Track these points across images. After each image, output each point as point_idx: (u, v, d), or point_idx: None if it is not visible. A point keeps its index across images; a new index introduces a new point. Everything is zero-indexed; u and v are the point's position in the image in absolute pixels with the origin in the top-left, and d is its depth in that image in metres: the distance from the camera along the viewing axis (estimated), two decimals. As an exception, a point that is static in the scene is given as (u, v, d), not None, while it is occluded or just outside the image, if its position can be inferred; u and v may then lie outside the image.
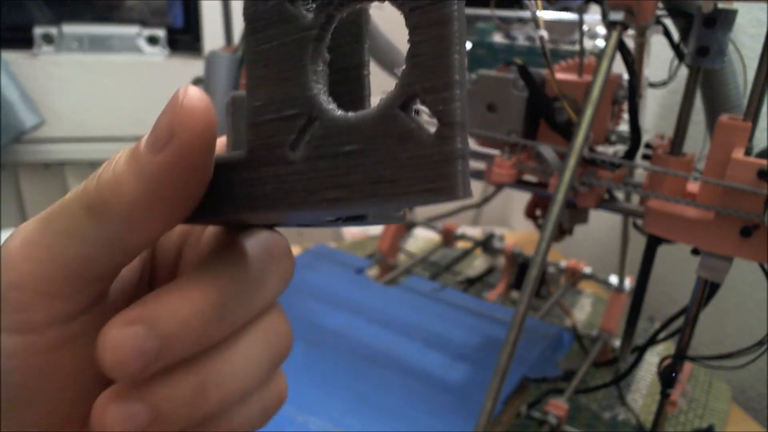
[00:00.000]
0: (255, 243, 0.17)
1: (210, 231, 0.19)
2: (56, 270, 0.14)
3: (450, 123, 0.11)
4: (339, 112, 0.13)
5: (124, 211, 0.14)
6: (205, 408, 0.15)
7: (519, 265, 0.70)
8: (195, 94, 0.13)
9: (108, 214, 0.14)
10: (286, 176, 0.13)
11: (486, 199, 0.70)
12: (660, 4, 0.42)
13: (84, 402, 0.15)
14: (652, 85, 0.50)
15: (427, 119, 0.12)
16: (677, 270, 0.73)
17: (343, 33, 0.15)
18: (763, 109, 0.38)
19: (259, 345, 0.17)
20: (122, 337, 0.14)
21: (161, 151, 0.13)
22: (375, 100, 0.13)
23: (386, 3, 0.13)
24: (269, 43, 0.14)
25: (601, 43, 0.52)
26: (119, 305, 0.16)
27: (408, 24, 0.12)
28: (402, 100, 0.12)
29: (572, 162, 0.37)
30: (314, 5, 0.13)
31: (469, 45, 0.57)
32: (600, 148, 0.46)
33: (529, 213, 0.62)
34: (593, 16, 0.46)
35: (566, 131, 0.45)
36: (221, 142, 0.17)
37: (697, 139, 0.49)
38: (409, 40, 0.12)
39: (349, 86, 0.16)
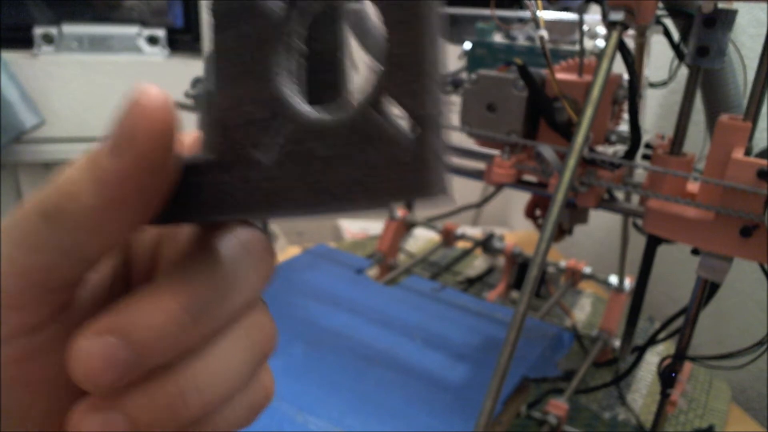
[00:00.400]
0: (230, 241, 0.16)
1: (185, 231, 0.18)
2: (16, 282, 0.14)
3: (421, 118, 0.11)
4: (311, 112, 0.12)
5: (81, 217, 0.13)
6: (185, 414, 0.15)
7: (519, 265, 0.70)
8: (153, 93, 0.13)
9: (65, 221, 0.13)
10: (256, 180, 0.13)
11: (486, 199, 0.70)
12: (660, 4, 0.42)
13: (58, 412, 0.15)
14: (652, 85, 0.50)
15: (402, 117, 0.12)
16: (677, 270, 0.73)
17: (318, 19, 0.15)
18: (763, 109, 0.38)
19: (240, 345, 0.16)
20: (93, 348, 0.13)
21: (120, 155, 0.13)
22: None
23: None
24: (237, 40, 0.13)
25: (601, 43, 0.52)
26: (90, 313, 0.15)
27: (383, 20, 0.11)
28: (375, 99, 0.11)
29: (572, 162, 0.37)
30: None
31: (469, 45, 0.57)
32: (600, 148, 0.46)
33: (529, 213, 0.62)
34: (593, 16, 0.46)
35: (566, 131, 0.45)
36: (193, 137, 0.17)
37: (697, 139, 0.49)
38: (384, 37, 0.11)
39: (326, 74, 0.15)
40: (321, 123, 0.12)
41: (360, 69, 0.12)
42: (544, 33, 0.42)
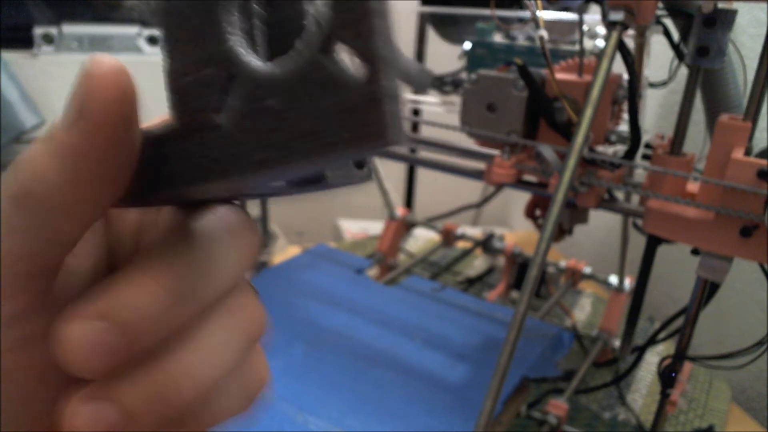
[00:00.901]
0: (210, 220, 0.16)
1: (165, 213, 0.18)
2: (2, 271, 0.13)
3: (370, 58, 0.10)
4: (260, 65, 0.12)
5: (47, 197, 0.13)
6: (178, 401, 0.14)
7: (519, 265, 0.70)
8: (104, 60, 0.12)
9: (32, 202, 0.13)
10: (213, 142, 0.12)
11: (486, 199, 0.70)
12: (660, 4, 0.42)
13: (50, 403, 0.15)
14: (652, 85, 0.50)
15: (353, 61, 0.11)
16: (677, 270, 0.73)
17: None
18: (763, 109, 0.38)
19: (227, 327, 0.16)
20: (80, 334, 0.13)
21: (75, 126, 0.12)
22: None
23: None
24: (187, 2, 0.13)
25: (601, 43, 0.52)
26: (72, 301, 0.15)
27: None
28: (324, 45, 0.11)
29: (572, 162, 0.37)
30: None
31: (469, 45, 0.57)
32: (600, 148, 0.46)
33: (529, 213, 0.62)
34: (593, 16, 0.46)
35: (566, 131, 0.45)
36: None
37: (697, 139, 0.49)
38: None
39: (289, 40, 0.14)
40: (274, 77, 0.12)
41: (311, 16, 0.11)
42: (544, 33, 0.42)
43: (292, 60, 0.11)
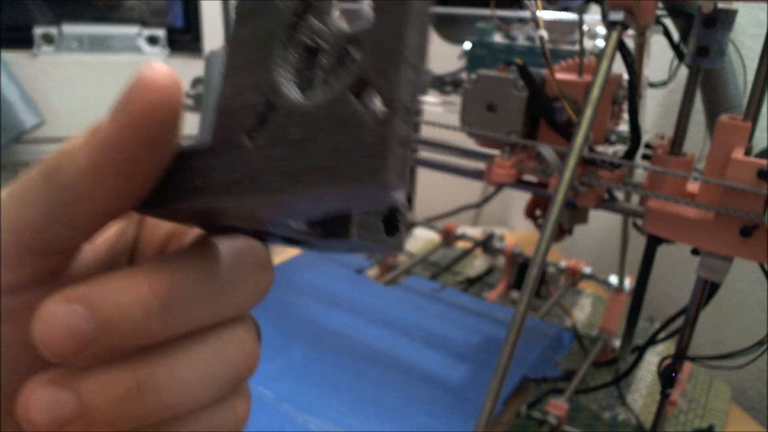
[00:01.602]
0: (228, 246, 0.16)
1: (192, 232, 0.18)
2: (8, 237, 0.14)
3: (391, 102, 0.11)
4: (298, 98, 0.13)
5: (73, 177, 0.13)
6: (138, 412, 0.14)
7: (519, 265, 0.70)
8: (158, 67, 0.13)
9: (58, 179, 0.13)
10: (239, 164, 0.13)
11: (486, 199, 0.70)
12: (660, 4, 0.42)
13: (22, 381, 0.15)
14: (652, 85, 0.50)
15: (377, 102, 0.11)
16: (677, 270, 0.73)
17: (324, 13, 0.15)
18: (763, 109, 0.38)
19: (215, 356, 0.16)
20: (57, 314, 0.13)
21: (114, 121, 0.13)
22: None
23: None
24: (249, 33, 0.14)
25: (601, 43, 0.52)
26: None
27: (372, 6, 0.11)
28: (353, 83, 0.11)
29: (572, 162, 0.37)
30: None
31: (469, 45, 0.57)
32: (600, 148, 0.46)
33: (529, 213, 0.62)
34: (593, 16, 0.46)
35: (566, 131, 0.45)
36: None
37: (697, 139, 0.49)
38: (371, 22, 0.11)
39: (321, 71, 0.15)
40: (303, 108, 0.12)
41: (345, 55, 0.12)
42: (544, 33, 0.42)
43: (322, 94, 0.12)
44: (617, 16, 0.37)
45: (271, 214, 0.14)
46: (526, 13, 0.53)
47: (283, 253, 0.84)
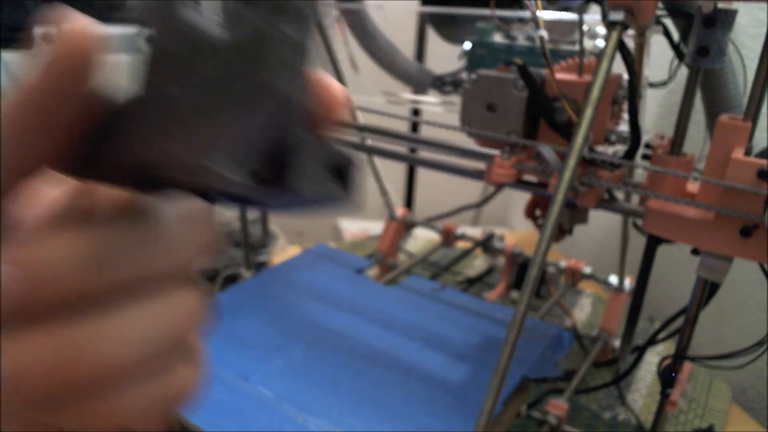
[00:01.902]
0: (165, 205, 0.16)
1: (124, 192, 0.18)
2: None
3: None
4: (213, 30, 0.13)
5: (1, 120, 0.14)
6: (72, 373, 0.14)
7: (519, 265, 0.70)
8: (73, 19, 0.14)
9: None
10: (165, 111, 0.13)
11: (486, 199, 0.70)
12: (660, 4, 0.42)
13: None
14: (652, 85, 0.50)
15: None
16: (677, 270, 0.73)
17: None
18: (763, 109, 0.38)
19: (153, 313, 0.15)
20: None
21: (31, 73, 0.13)
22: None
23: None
24: None
25: (601, 43, 0.52)
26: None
27: None
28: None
29: (572, 162, 0.37)
30: None
31: (469, 45, 0.57)
32: (600, 148, 0.46)
33: (529, 213, 0.62)
34: (593, 16, 0.46)
35: (566, 131, 0.45)
36: None
37: (697, 139, 0.49)
38: None
39: None
40: (215, 42, 0.13)
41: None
42: (544, 33, 0.42)
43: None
44: (617, 16, 0.37)
45: (198, 156, 0.14)
46: (526, 13, 0.53)
47: (283, 253, 0.84)
